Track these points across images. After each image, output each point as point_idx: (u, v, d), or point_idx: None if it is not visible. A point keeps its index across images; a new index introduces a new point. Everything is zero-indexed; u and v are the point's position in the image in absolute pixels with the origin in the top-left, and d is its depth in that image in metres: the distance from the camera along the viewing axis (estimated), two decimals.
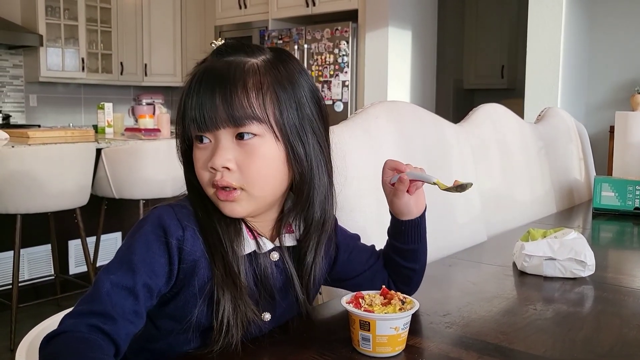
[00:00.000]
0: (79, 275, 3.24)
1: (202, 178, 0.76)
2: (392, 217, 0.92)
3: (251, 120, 0.73)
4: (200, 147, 0.76)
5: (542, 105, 2.79)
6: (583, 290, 1.09)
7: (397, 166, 0.88)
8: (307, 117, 0.78)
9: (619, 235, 1.75)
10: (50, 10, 5.40)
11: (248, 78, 0.74)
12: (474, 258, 1.38)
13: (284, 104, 0.75)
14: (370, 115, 1.37)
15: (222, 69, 0.74)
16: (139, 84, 6.29)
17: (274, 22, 5.10)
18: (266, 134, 0.74)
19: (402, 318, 0.76)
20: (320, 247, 0.83)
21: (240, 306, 0.75)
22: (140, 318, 0.72)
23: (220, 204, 0.76)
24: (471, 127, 1.79)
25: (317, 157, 0.79)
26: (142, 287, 0.71)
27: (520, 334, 0.86)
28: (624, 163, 2.34)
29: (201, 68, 0.76)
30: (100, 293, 0.69)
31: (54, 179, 2.59)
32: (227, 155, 0.73)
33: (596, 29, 4.40)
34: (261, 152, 0.74)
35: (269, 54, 0.78)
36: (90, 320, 0.67)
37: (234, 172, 0.74)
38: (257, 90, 0.74)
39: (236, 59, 0.75)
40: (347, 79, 4.52)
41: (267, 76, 0.75)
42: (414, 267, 0.93)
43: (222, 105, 0.72)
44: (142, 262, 0.72)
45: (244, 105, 0.73)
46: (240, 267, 0.76)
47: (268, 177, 0.76)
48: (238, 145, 0.74)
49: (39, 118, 5.69)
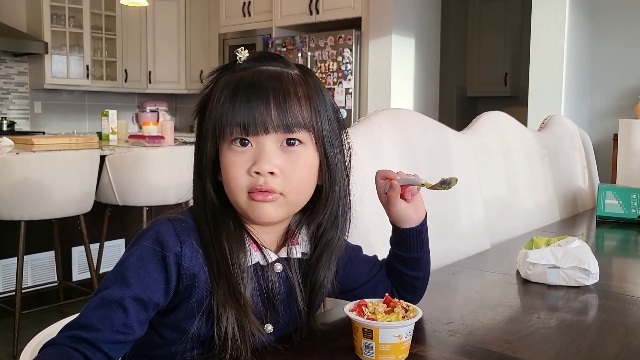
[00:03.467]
0: (82, 282, 3.24)
1: (238, 182, 0.75)
2: (392, 226, 0.92)
3: (300, 128, 0.74)
4: (238, 151, 0.74)
5: (545, 113, 2.79)
6: (587, 299, 1.09)
7: (387, 175, 0.89)
8: (334, 131, 0.79)
9: (623, 244, 1.75)
10: (55, 17, 5.43)
11: (298, 87, 0.75)
12: (478, 266, 1.37)
13: (322, 114, 0.77)
14: (374, 122, 1.37)
15: (273, 76, 0.75)
16: (143, 91, 6.32)
17: (277, 30, 5.12)
18: (309, 142, 0.76)
19: (405, 326, 0.75)
20: (333, 265, 0.84)
21: (245, 325, 0.75)
22: (130, 330, 0.71)
23: (253, 205, 0.75)
24: (475, 135, 1.79)
25: (341, 170, 0.81)
26: (132, 300, 0.71)
27: (524, 342, 0.86)
28: (627, 171, 2.34)
29: (239, 74, 0.75)
30: (89, 307, 0.71)
31: (58, 185, 2.60)
32: (274, 161, 0.74)
33: (599, 37, 4.40)
34: (304, 159, 0.76)
35: (298, 69, 0.79)
36: (74, 332, 0.69)
37: (277, 177, 0.74)
38: (305, 99, 0.75)
39: (279, 68, 0.76)
40: (351, 87, 4.53)
41: (308, 87, 0.76)
42: (418, 276, 0.93)
43: (276, 110, 0.73)
44: (136, 277, 0.72)
45: (296, 112, 0.74)
46: (246, 284, 0.76)
47: (307, 184, 0.78)
48: (282, 151, 0.75)
49: (43, 125, 5.71)
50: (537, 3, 3.83)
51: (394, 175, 0.88)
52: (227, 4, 5.54)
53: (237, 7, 5.44)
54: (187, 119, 6.71)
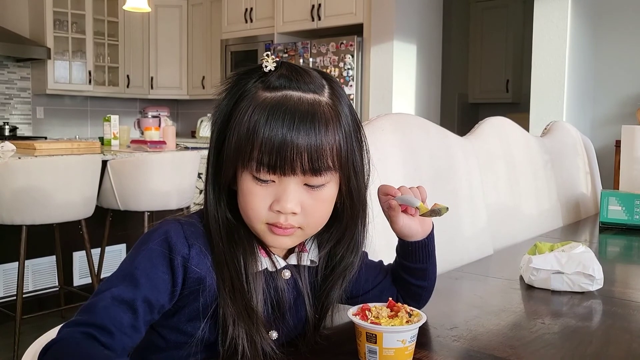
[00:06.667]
0: (83, 287, 3.24)
1: (258, 214, 0.74)
2: (398, 238, 0.91)
3: (327, 171, 0.73)
4: (261, 185, 0.72)
5: (548, 119, 2.79)
6: (591, 305, 1.08)
7: (387, 191, 0.87)
8: (358, 153, 0.77)
9: (626, 250, 1.74)
10: (58, 23, 5.45)
11: (329, 124, 0.72)
12: (481, 271, 1.37)
13: (348, 145, 0.75)
14: (376, 127, 1.36)
15: (306, 111, 0.71)
16: (145, 96, 6.33)
17: (279, 36, 5.13)
18: (333, 179, 0.75)
19: (409, 331, 0.75)
20: (345, 283, 0.83)
21: (256, 339, 0.74)
22: (137, 332, 0.71)
23: (271, 237, 0.75)
24: (477, 140, 1.79)
25: (363, 195, 0.80)
26: (142, 302, 0.70)
27: (528, 348, 0.85)
28: (630, 177, 2.33)
29: (269, 98, 0.71)
30: (99, 306, 0.69)
31: (60, 190, 2.60)
32: (297, 200, 0.73)
33: (602, 43, 4.40)
34: (326, 196, 0.75)
35: (326, 85, 0.76)
36: (88, 330, 0.67)
37: (298, 214, 0.73)
38: (334, 139, 0.72)
39: (311, 95, 0.72)
40: (352, 93, 4.53)
41: (338, 119, 0.73)
42: (423, 285, 0.93)
43: (306, 155, 0.70)
44: (145, 277, 0.71)
45: (326, 156, 0.71)
46: (258, 297, 0.75)
47: (326, 217, 0.78)
48: (305, 190, 0.73)
49: (45, 130, 5.72)
50: (539, 9, 3.84)
51: (394, 192, 0.85)
52: (229, 10, 5.56)
53: (239, 13, 5.45)
54: (189, 124, 6.72)
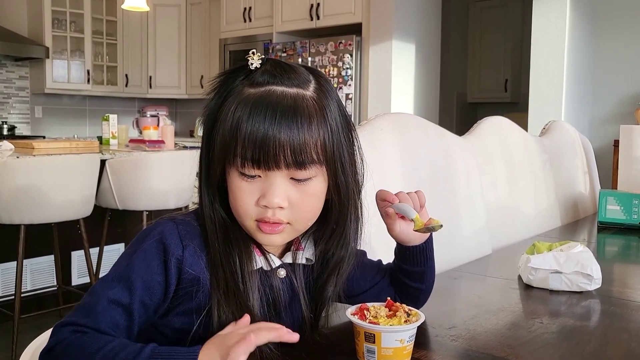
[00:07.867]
0: (82, 287, 3.24)
1: (246, 210, 0.74)
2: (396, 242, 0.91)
3: (312, 164, 0.72)
4: (247, 180, 0.73)
5: (546, 119, 2.79)
6: (590, 304, 1.08)
7: (385, 197, 0.86)
8: (347, 148, 0.77)
9: (624, 249, 1.74)
10: (56, 22, 5.44)
11: (312, 118, 0.72)
12: (479, 271, 1.37)
13: (334, 140, 0.74)
14: (375, 127, 1.36)
15: (288, 106, 0.71)
16: (143, 96, 6.32)
17: (278, 35, 5.12)
18: (320, 173, 0.74)
19: (407, 330, 0.75)
20: (340, 280, 0.83)
21: None
22: (132, 335, 0.72)
23: (261, 235, 0.75)
24: (476, 140, 1.79)
25: (352, 190, 0.79)
26: (138, 305, 0.71)
27: (526, 347, 0.85)
28: (629, 177, 2.33)
29: (252, 94, 0.72)
30: (96, 309, 0.69)
31: (58, 189, 2.59)
32: (283, 194, 0.72)
33: (600, 42, 4.40)
34: (313, 190, 0.75)
35: (313, 80, 0.75)
36: (85, 332, 0.68)
37: (285, 209, 0.73)
38: (318, 133, 0.72)
39: (295, 90, 0.72)
40: (351, 92, 4.53)
41: (323, 114, 0.73)
42: (421, 288, 0.92)
43: (289, 148, 0.70)
44: (140, 280, 0.71)
45: (310, 150, 0.71)
46: (254, 298, 0.75)
47: (315, 212, 0.77)
48: (292, 184, 0.73)
49: (44, 129, 5.71)
50: (537, 9, 3.84)
51: (391, 198, 0.85)
52: (228, 10, 5.55)
53: (238, 12, 5.45)
54: (188, 123, 6.71)
